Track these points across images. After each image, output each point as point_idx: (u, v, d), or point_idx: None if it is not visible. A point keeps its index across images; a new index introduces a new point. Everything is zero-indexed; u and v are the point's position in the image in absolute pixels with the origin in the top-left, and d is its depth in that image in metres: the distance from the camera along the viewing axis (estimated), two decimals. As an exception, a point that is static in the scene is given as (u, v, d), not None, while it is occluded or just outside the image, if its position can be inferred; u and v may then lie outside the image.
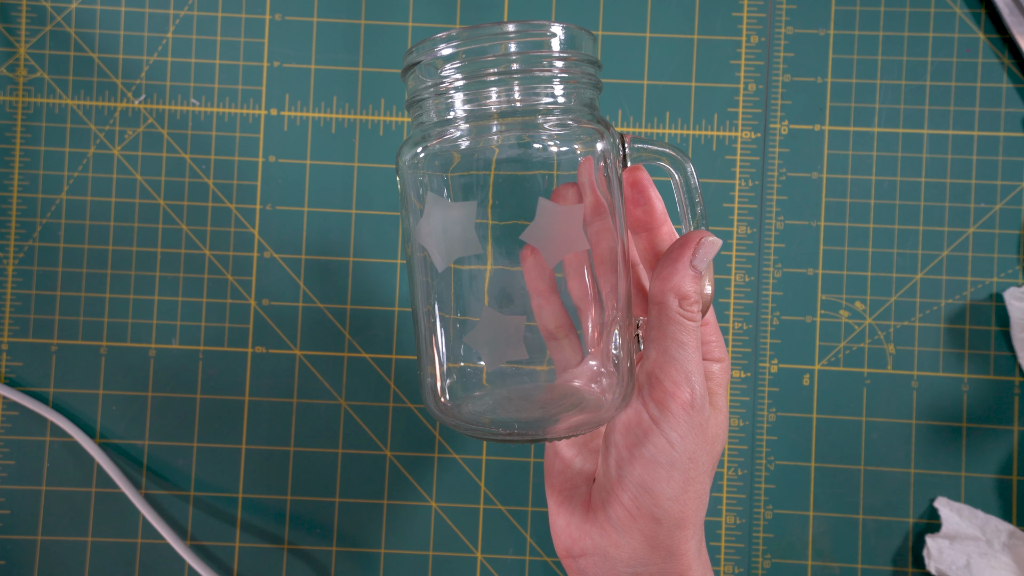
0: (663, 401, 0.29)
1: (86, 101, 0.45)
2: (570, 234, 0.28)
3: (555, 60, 0.28)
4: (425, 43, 0.28)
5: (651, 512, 0.29)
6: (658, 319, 0.30)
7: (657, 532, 0.29)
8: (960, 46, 0.44)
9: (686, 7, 0.45)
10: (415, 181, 0.30)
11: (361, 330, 0.45)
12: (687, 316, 0.29)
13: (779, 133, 0.45)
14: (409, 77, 0.29)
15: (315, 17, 0.45)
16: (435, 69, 0.28)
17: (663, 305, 0.29)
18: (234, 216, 0.45)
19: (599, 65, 0.30)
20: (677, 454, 0.29)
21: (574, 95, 0.29)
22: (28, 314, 0.45)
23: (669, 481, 0.29)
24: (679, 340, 0.29)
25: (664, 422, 0.29)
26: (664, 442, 0.29)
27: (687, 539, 0.29)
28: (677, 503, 0.29)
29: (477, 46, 0.28)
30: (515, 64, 0.28)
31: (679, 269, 0.29)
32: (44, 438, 0.44)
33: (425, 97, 0.29)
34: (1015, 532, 0.42)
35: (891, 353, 0.44)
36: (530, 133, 0.28)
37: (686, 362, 0.29)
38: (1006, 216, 0.44)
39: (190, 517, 0.44)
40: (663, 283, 0.29)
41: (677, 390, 0.29)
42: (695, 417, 0.29)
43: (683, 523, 0.29)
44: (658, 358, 0.29)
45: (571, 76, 0.28)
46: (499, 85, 0.28)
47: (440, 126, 0.29)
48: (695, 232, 0.30)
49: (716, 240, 0.30)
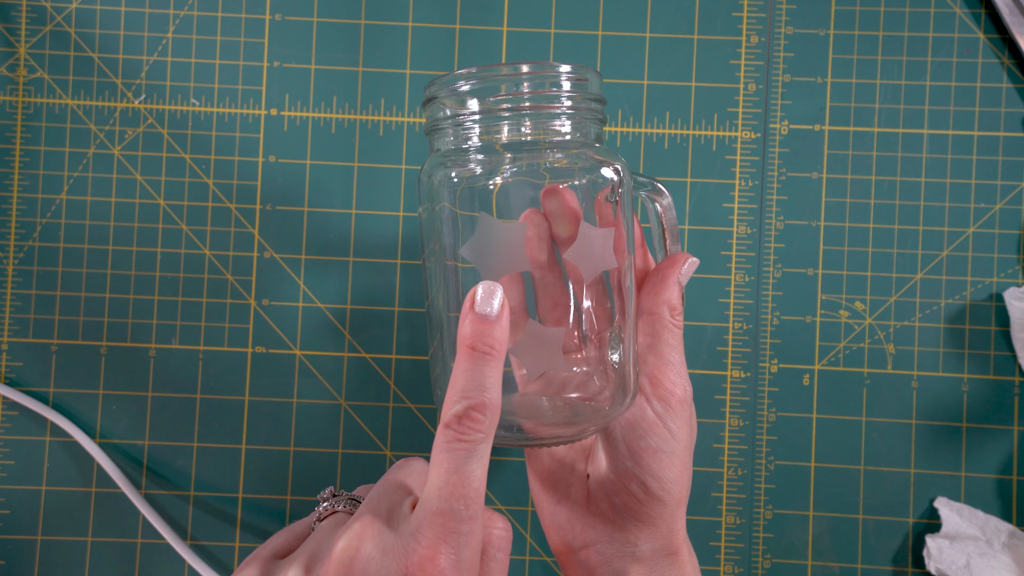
0: (665, 398, 0.33)
1: (86, 101, 0.45)
2: (606, 254, 0.32)
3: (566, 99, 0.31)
4: (444, 79, 0.31)
5: (658, 495, 0.33)
6: (652, 327, 0.33)
7: (662, 512, 0.33)
8: (960, 46, 0.44)
9: (686, 7, 0.45)
10: (449, 199, 0.32)
11: (361, 330, 0.45)
12: (676, 324, 0.34)
13: (779, 133, 0.45)
14: (429, 107, 0.32)
15: (315, 17, 0.45)
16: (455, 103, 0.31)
17: (658, 315, 0.33)
18: (234, 216, 0.45)
19: (604, 100, 0.32)
20: (676, 443, 0.33)
21: (583, 129, 0.32)
22: (28, 314, 0.45)
23: (671, 467, 0.33)
24: (672, 344, 0.33)
25: (666, 416, 0.33)
26: (667, 433, 0.33)
27: (680, 517, 0.34)
28: (678, 484, 0.33)
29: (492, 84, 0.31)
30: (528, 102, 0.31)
31: (669, 284, 0.34)
32: (44, 438, 0.44)
33: (444, 127, 0.31)
34: (1015, 532, 0.42)
35: (891, 353, 0.44)
36: (549, 160, 0.31)
37: (678, 363, 0.33)
38: (1006, 216, 0.44)
39: (190, 517, 0.44)
40: (655, 296, 0.33)
41: (675, 387, 0.33)
42: (688, 409, 0.34)
43: (681, 502, 0.33)
44: (655, 361, 0.33)
45: (578, 113, 0.31)
46: (513, 120, 0.31)
47: (461, 153, 0.31)
48: (680, 254, 0.35)
49: (696, 260, 0.35)
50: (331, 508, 0.30)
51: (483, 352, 0.28)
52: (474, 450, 0.27)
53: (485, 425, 0.27)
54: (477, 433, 0.27)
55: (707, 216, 0.44)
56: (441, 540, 0.26)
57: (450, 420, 0.27)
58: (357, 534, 0.26)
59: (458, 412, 0.27)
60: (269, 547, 0.30)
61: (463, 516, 0.26)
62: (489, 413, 0.27)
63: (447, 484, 0.27)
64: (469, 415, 0.27)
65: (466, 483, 0.27)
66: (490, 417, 0.27)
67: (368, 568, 0.25)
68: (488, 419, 0.27)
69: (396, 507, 0.28)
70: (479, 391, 0.28)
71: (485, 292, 0.29)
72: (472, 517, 0.26)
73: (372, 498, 0.28)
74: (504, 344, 0.28)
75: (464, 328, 0.28)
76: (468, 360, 0.28)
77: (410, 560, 0.25)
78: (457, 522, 0.26)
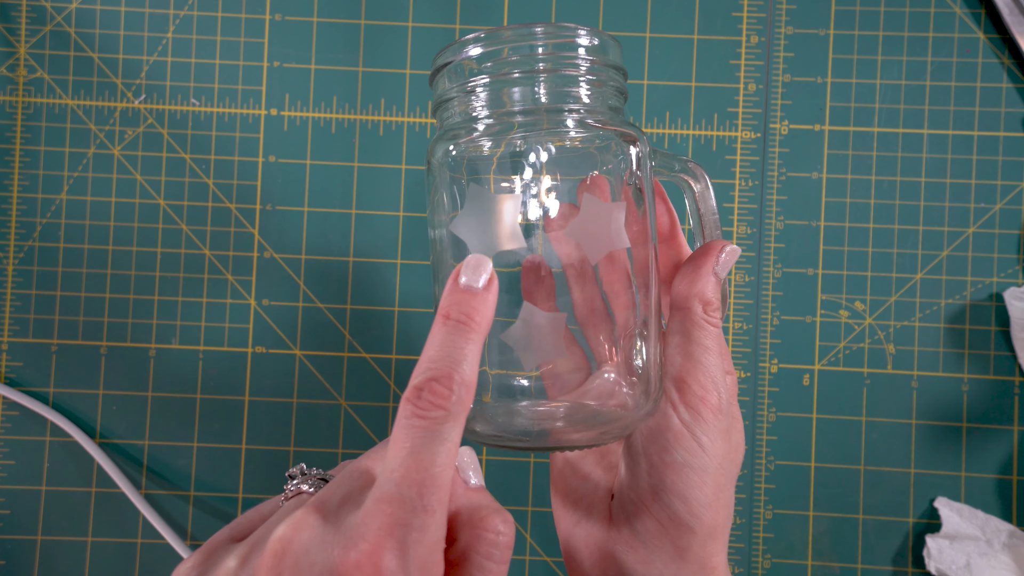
0: (694, 405, 0.28)
1: (86, 101, 0.45)
2: (614, 231, 0.28)
3: (582, 63, 0.28)
4: (453, 45, 0.28)
5: (685, 520, 0.28)
6: (682, 324, 0.29)
7: (691, 542, 0.28)
8: (960, 46, 0.44)
9: (686, 7, 0.45)
10: (449, 178, 0.29)
11: (361, 330, 0.45)
12: (711, 321, 0.29)
13: (779, 133, 0.45)
14: (437, 80, 0.29)
15: (315, 17, 0.45)
16: (464, 71, 0.28)
17: (688, 311, 0.29)
18: (234, 216, 0.45)
19: (625, 73, 0.30)
20: (708, 459, 0.28)
21: (600, 98, 0.29)
22: (28, 314, 0.45)
23: (702, 487, 0.28)
24: (704, 345, 0.29)
25: (696, 426, 0.28)
26: (696, 446, 0.28)
27: (718, 551, 0.29)
28: (710, 509, 0.28)
29: (511, 45, 0.28)
30: (545, 64, 0.28)
31: (703, 275, 0.29)
32: (44, 438, 0.44)
33: (452, 97, 0.29)
34: (1015, 532, 0.42)
35: (891, 353, 0.44)
36: (561, 133, 0.28)
37: (711, 366, 0.29)
38: (1006, 216, 0.44)
39: (190, 517, 0.44)
40: (687, 288, 0.29)
41: (706, 394, 0.28)
42: (722, 421, 0.29)
43: (715, 532, 0.28)
44: (684, 363, 0.29)
45: (598, 79, 0.28)
46: (531, 84, 0.28)
47: (468, 122, 0.28)
48: (717, 241, 0.30)
49: (737, 248, 0.30)
50: (296, 488, 0.26)
51: (458, 321, 0.25)
52: (435, 430, 0.23)
53: (451, 402, 0.23)
54: (438, 410, 0.23)
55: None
56: (386, 533, 0.21)
57: (410, 393, 0.24)
58: (296, 523, 0.23)
59: (419, 383, 0.24)
60: (228, 529, 0.26)
61: (415, 506, 0.22)
62: (457, 388, 0.24)
63: (400, 466, 0.23)
64: (431, 387, 0.23)
65: (422, 467, 0.22)
66: (459, 393, 0.24)
67: (300, 562, 0.22)
68: (456, 395, 0.24)
69: (353, 495, 0.24)
70: (448, 363, 0.24)
71: (471, 264, 0.26)
72: (427, 509, 0.22)
73: (330, 485, 0.25)
74: (485, 319, 0.25)
75: (443, 298, 0.25)
76: (441, 329, 0.25)
77: (347, 556, 0.21)
78: (408, 512, 0.22)
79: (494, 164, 0.29)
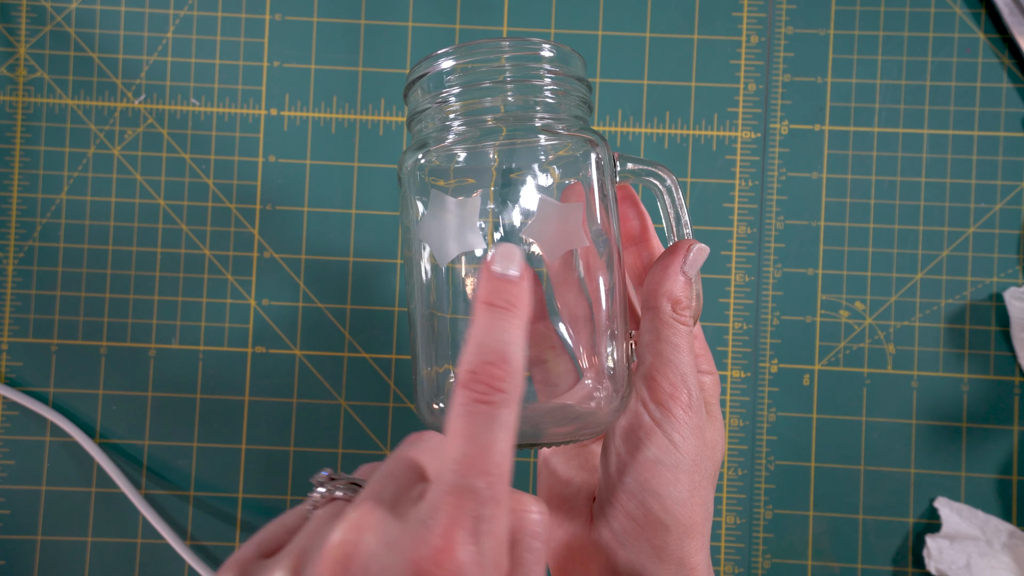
0: (664, 402, 0.29)
1: (86, 101, 0.45)
2: (570, 231, 0.28)
3: (547, 73, 0.29)
4: (425, 60, 0.29)
5: (659, 518, 0.28)
6: (652, 323, 0.30)
7: (667, 540, 0.28)
8: (960, 46, 0.44)
9: (686, 7, 0.45)
10: (418, 186, 0.30)
11: (361, 330, 0.45)
12: (680, 320, 0.30)
13: (779, 133, 0.45)
14: (410, 94, 0.30)
15: (315, 17, 0.45)
16: (435, 83, 0.29)
17: (657, 309, 0.30)
18: (234, 216, 0.45)
19: (589, 85, 0.31)
20: (681, 456, 0.29)
21: (564, 107, 0.30)
22: (28, 314, 0.45)
23: (675, 484, 0.28)
24: (673, 343, 0.29)
25: (666, 423, 0.29)
26: (667, 443, 0.29)
27: (697, 551, 0.29)
28: (685, 507, 0.28)
29: (473, 58, 0.29)
30: (508, 74, 0.29)
31: (671, 274, 0.30)
32: (44, 438, 0.44)
33: (426, 107, 0.30)
34: (1015, 532, 0.42)
35: (891, 353, 0.44)
36: (526, 139, 0.29)
37: (681, 364, 0.29)
38: (1006, 216, 0.44)
39: (190, 517, 0.44)
40: (655, 288, 0.30)
41: (676, 391, 0.29)
42: (694, 418, 0.29)
43: (692, 531, 0.29)
44: (654, 361, 0.29)
45: (561, 88, 0.29)
46: (494, 94, 0.29)
47: (440, 131, 0.29)
48: (684, 240, 0.31)
49: (704, 247, 0.30)
50: (328, 495, 0.25)
51: (502, 307, 0.24)
52: (495, 415, 0.22)
53: (508, 384, 0.23)
54: (498, 392, 0.22)
55: (707, 216, 0.44)
56: (458, 527, 0.20)
57: (465, 378, 0.23)
58: (356, 525, 0.21)
59: (473, 368, 0.23)
60: (253, 545, 0.25)
61: (484, 496, 0.21)
62: (512, 370, 0.23)
63: (465, 456, 0.22)
64: (487, 370, 0.23)
65: (487, 455, 0.22)
66: (513, 377, 0.23)
67: (370, 566, 0.21)
68: (510, 378, 0.23)
69: (404, 491, 0.23)
70: (499, 345, 0.23)
71: (503, 253, 0.25)
72: (495, 499, 0.21)
73: (376, 481, 0.23)
74: (527, 305, 0.24)
75: (480, 287, 0.24)
76: (486, 315, 0.24)
77: (421, 553, 0.20)
78: (477, 504, 0.21)
79: (453, 170, 0.29)
